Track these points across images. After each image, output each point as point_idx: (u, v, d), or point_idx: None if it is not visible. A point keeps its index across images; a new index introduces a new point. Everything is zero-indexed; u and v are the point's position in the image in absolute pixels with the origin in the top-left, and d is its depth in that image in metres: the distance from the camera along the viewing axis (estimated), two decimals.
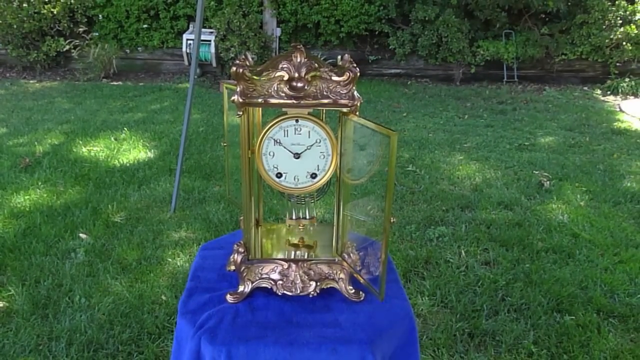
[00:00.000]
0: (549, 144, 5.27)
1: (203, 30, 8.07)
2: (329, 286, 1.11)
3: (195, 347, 1.00)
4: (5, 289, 2.60)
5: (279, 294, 1.12)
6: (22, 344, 2.22)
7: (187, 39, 8.15)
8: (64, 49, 8.18)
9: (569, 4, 8.26)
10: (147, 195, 3.78)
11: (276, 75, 0.96)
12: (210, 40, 8.07)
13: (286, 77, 0.95)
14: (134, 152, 4.70)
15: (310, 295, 1.09)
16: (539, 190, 3.98)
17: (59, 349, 2.20)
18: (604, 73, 8.35)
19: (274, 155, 1.05)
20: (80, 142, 4.91)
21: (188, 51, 8.27)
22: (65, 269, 2.79)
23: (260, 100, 0.97)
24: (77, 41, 8.21)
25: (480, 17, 8.26)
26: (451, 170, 4.38)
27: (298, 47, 0.96)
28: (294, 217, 1.21)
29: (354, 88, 0.96)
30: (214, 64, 8.35)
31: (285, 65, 0.95)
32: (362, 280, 1.06)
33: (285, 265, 1.09)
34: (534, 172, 4.34)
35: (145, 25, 8.43)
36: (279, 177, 1.07)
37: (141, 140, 5.03)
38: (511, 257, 2.97)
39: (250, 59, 0.91)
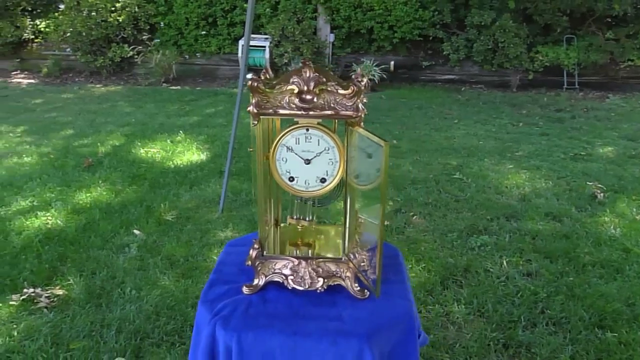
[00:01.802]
0: (607, 155, 5.06)
1: (258, 36, 8.31)
2: (336, 283, 1.18)
3: (211, 331, 1.10)
4: (65, 279, 2.81)
5: (290, 288, 1.21)
6: (77, 330, 2.40)
7: (243, 45, 8.40)
8: (128, 55, 8.64)
9: (637, 7, 7.89)
10: (198, 195, 3.96)
11: (287, 88, 1.04)
12: (265, 46, 8.29)
13: (296, 90, 1.04)
14: (187, 154, 4.92)
15: (318, 291, 1.16)
16: (591, 202, 3.85)
17: (109, 336, 2.36)
18: None
19: (286, 161, 1.13)
20: (139, 143, 5.19)
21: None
22: (119, 262, 2.98)
23: (272, 111, 1.06)
24: (140, 47, 8.66)
25: (539, 22, 8.04)
26: (499, 179, 4.30)
27: (307, 63, 1.03)
28: (295, 217, 1.30)
29: (358, 100, 1.02)
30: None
31: (295, 80, 1.04)
32: (362, 279, 1.12)
33: (296, 262, 1.18)
34: (588, 183, 4.20)
35: (203, 32, 8.77)
36: (291, 181, 1.15)
37: (195, 143, 5.25)
38: (555, 269, 2.91)
39: (271, 73, 0.99)
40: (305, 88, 1.03)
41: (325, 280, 1.17)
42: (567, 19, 7.92)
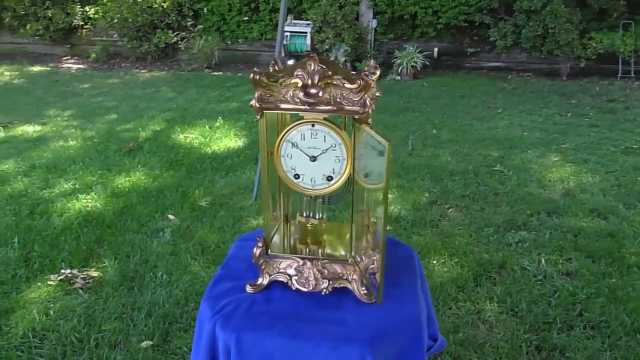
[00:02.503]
0: None
1: (300, 22, 8.27)
2: (342, 285, 1.14)
3: (211, 330, 1.09)
4: (100, 261, 2.89)
5: (293, 288, 1.17)
6: (109, 311, 2.46)
7: (285, 31, 8.37)
8: (172, 41, 8.78)
9: None
10: (233, 182, 3.98)
11: (291, 82, 1.00)
12: (306, 32, 8.23)
13: (300, 84, 0.99)
14: (225, 140, 4.96)
15: (323, 293, 1.12)
16: None
17: (140, 319, 2.41)
18: None
19: (291, 157, 1.09)
20: (178, 129, 5.27)
21: (285, 42, 8.51)
22: (153, 246, 3.04)
23: (276, 105, 1.02)
24: (184, 33, 8.78)
25: (594, 6, 7.62)
26: (542, 172, 4.13)
27: (312, 55, 0.98)
28: (304, 215, 1.25)
29: (366, 96, 0.97)
30: None
31: (300, 73, 0.99)
32: (366, 283, 1.08)
33: (301, 262, 1.14)
34: (639, 179, 3.97)
35: (245, 18, 8.80)
36: (296, 178, 1.11)
37: (233, 129, 5.28)
38: (597, 269, 2.76)
39: (280, 64, 0.95)
40: (310, 82, 0.98)
41: (331, 282, 1.12)
42: (624, 3, 7.48)
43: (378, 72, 1.09)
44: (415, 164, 4.28)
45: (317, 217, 1.23)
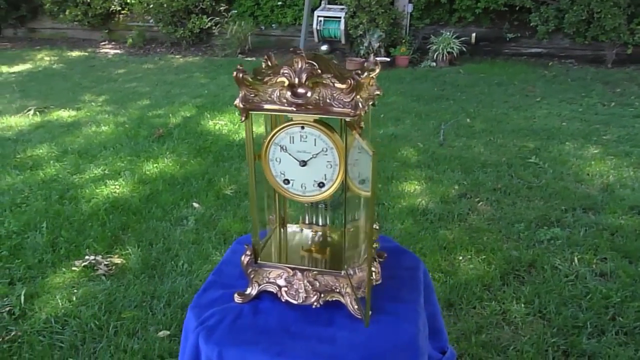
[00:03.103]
0: None
1: (334, 6, 8.14)
2: (334, 299, 1.06)
3: (194, 341, 1.04)
4: (124, 248, 2.91)
5: (283, 300, 1.11)
6: (129, 299, 2.48)
7: (318, 16, 8.27)
8: (206, 26, 8.79)
9: None
10: (259, 170, 3.95)
11: (278, 80, 0.93)
12: (340, 17, 8.10)
13: (287, 83, 0.92)
14: (254, 127, 4.92)
15: (313, 306, 1.06)
16: None
17: (159, 308, 2.42)
18: None
19: (280, 162, 1.03)
20: (208, 115, 5.27)
21: (318, 28, 8.41)
22: (176, 234, 3.05)
23: (261, 106, 0.96)
24: (218, 19, 8.77)
25: None
26: (580, 165, 3.93)
27: (298, 52, 0.91)
28: (307, 222, 1.18)
29: (358, 97, 0.89)
30: (343, 41, 8.39)
31: (286, 71, 0.92)
32: (356, 300, 1.00)
33: (291, 272, 1.07)
34: None
35: (279, 3, 8.71)
36: (286, 184, 1.05)
37: (262, 116, 5.24)
38: (634, 271, 2.61)
39: (274, 59, 0.88)
40: (297, 81, 0.91)
41: (322, 295, 1.05)
42: None
43: (378, 69, 1.01)
44: (446, 155, 4.15)
45: (320, 223, 1.16)
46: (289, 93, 0.92)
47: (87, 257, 2.79)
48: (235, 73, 0.94)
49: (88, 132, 4.86)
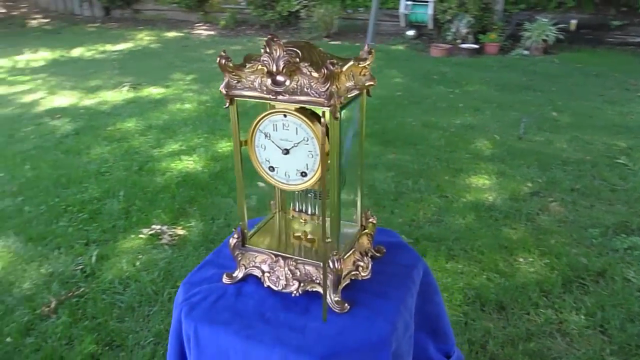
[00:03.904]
0: None
1: None
2: (314, 290, 1.04)
3: (178, 315, 1.08)
4: (188, 221, 3.07)
5: (265, 286, 1.11)
6: (186, 269, 2.61)
7: (405, 1, 8.09)
8: (294, 9, 8.89)
9: None
10: None
11: (258, 68, 0.91)
12: (429, 1, 7.87)
13: (265, 71, 0.90)
14: None
15: (293, 295, 1.05)
16: None
17: None
18: None
19: (265, 149, 1.02)
20: None
21: (406, 12, 8.22)
22: (236, 211, 3.15)
23: (242, 92, 0.96)
24: (306, 1, 8.84)
25: None
26: None
27: (275, 39, 0.88)
28: (297, 209, 1.16)
29: (333, 87, 0.85)
30: (430, 26, 8.15)
31: (265, 59, 0.90)
32: (328, 293, 0.97)
33: (274, 258, 1.06)
34: None
35: None
36: (272, 171, 1.03)
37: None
38: None
39: (280, 42, 0.87)
40: (275, 68, 0.90)
41: (302, 284, 1.04)
42: None
43: (370, 59, 0.96)
44: (523, 149, 3.92)
45: (309, 212, 1.15)
46: (269, 81, 0.91)
47: (154, 226, 2.97)
48: (218, 59, 0.95)
49: (172, 109, 5.13)
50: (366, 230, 1.13)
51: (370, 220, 1.14)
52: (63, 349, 2.16)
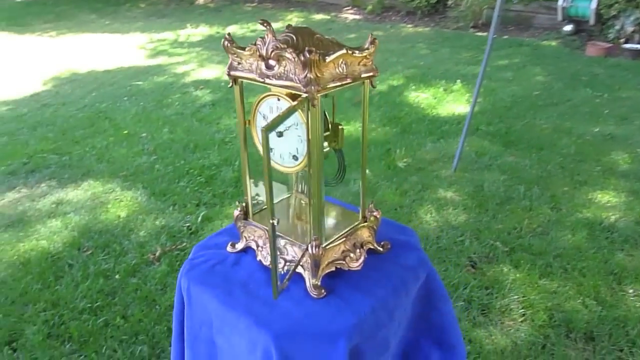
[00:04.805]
0: None
1: None
2: (298, 271, 1.03)
3: (181, 273, 1.17)
4: None
5: (257, 259, 1.14)
6: None
7: None
8: None
9: None
10: (440, 149, 3.87)
11: (254, 51, 0.93)
12: None
13: (258, 54, 0.91)
14: (454, 104, 4.78)
15: (279, 273, 1.05)
16: None
17: None
18: None
19: None
20: (413, 87, 5.28)
21: (564, 5, 7.53)
22: (336, 195, 3.23)
23: (242, 74, 0.98)
24: None
25: None
26: None
27: (265, 24, 0.88)
28: (298, 190, 1.16)
29: (310, 75, 0.83)
30: (592, 22, 7.36)
31: (259, 43, 0.91)
32: (307, 277, 0.97)
33: (267, 235, 1.09)
34: None
35: None
36: (270, 152, 1.05)
37: (467, 95, 5.03)
38: None
39: (271, 28, 0.90)
40: (265, 53, 0.91)
41: (287, 264, 1.05)
42: None
43: (372, 49, 0.91)
44: None
45: (306, 194, 1.16)
46: (263, 64, 0.93)
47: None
48: (223, 41, 0.99)
49: None
50: (366, 223, 1.12)
51: (374, 213, 1.13)
52: (157, 294, 2.43)
